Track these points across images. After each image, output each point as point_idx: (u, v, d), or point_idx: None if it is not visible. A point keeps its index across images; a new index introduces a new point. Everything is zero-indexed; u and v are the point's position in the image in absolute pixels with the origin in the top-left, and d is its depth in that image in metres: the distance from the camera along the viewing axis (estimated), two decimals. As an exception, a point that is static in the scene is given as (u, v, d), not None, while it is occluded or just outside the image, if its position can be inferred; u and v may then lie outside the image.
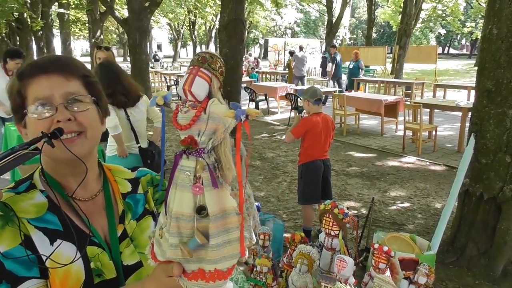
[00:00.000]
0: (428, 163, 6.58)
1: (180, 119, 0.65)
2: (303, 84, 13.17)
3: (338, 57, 13.67)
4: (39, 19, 16.15)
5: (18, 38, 21.83)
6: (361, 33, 41.29)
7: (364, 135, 8.64)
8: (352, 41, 44.37)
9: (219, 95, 0.65)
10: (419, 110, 6.84)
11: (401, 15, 17.52)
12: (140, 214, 1.03)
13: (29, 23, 16.43)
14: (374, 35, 32.07)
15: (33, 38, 19.35)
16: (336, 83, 13.86)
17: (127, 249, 0.96)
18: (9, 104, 0.95)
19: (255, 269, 1.68)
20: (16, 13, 16.82)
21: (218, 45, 7.73)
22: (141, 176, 1.09)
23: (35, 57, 10.51)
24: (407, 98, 11.80)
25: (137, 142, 3.42)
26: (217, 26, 14.92)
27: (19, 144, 0.74)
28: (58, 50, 19.51)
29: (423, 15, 22.36)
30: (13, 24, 19.10)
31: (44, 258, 0.82)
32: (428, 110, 7.77)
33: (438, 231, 3.24)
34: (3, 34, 25.50)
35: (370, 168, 6.33)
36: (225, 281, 0.67)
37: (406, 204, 4.90)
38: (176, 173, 0.66)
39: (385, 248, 1.49)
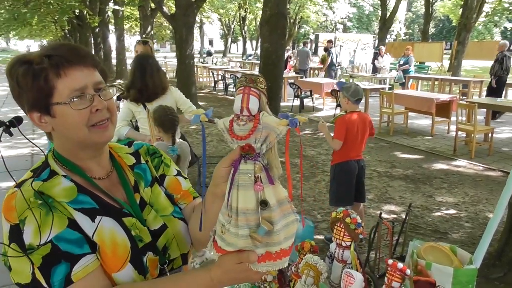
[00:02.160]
0: (481, 167, 6.08)
1: (237, 131, 0.77)
2: (306, 77, 13.90)
3: (333, 51, 14.79)
4: (96, 16, 16.96)
5: (78, 34, 23.09)
6: (418, 28, 39.30)
7: (412, 135, 8.17)
8: (407, 37, 42.44)
9: (267, 108, 0.78)
10: (473, 110, 6.34)
11: (462, 8, 16.44)
12: (151, 181, 1.10)
13: (87, 20, 17.28)
14: (432, 30, 30.42)
15: (91, 34, 20.42)
16: (331, 74, 14.53)
17: (150, 215, 1.04)
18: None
19: (259, 276, 1.57)
20: (77, 11, 17.78)
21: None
22: (138, 148, 1.17)
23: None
24: (463, 97, 11.03)
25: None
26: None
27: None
28: (113, 46, 20.37)
29: (487, 8, 20.82)
30: (74, 22, 20.26)
31: (90, 234, 0.90)
32: (485, 110, 7.19)
33: (483, 243, 2.90)
34: (66, 31, 27.14)
35: (415, 171, 5.96)
36: (288, 257, 0.81)
37: (452, 211, 4.53)
38: (236, 176, 0.78)
39: (400, 265, 1.32)
